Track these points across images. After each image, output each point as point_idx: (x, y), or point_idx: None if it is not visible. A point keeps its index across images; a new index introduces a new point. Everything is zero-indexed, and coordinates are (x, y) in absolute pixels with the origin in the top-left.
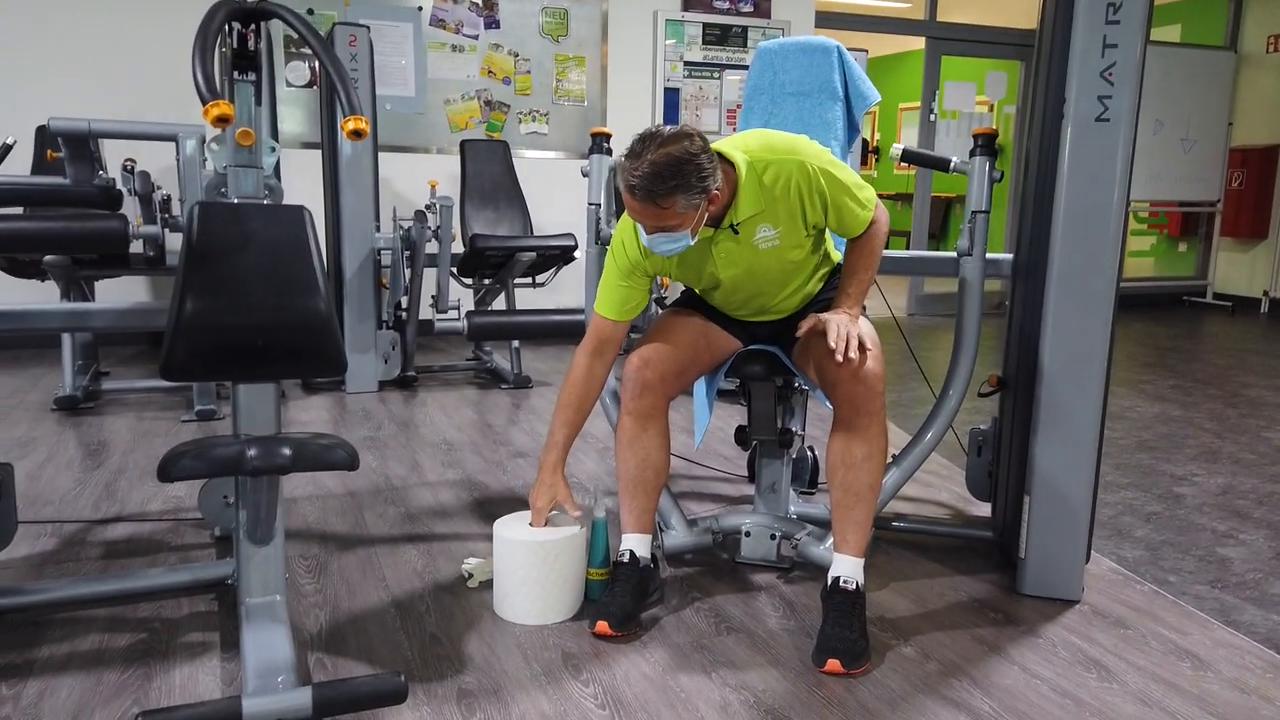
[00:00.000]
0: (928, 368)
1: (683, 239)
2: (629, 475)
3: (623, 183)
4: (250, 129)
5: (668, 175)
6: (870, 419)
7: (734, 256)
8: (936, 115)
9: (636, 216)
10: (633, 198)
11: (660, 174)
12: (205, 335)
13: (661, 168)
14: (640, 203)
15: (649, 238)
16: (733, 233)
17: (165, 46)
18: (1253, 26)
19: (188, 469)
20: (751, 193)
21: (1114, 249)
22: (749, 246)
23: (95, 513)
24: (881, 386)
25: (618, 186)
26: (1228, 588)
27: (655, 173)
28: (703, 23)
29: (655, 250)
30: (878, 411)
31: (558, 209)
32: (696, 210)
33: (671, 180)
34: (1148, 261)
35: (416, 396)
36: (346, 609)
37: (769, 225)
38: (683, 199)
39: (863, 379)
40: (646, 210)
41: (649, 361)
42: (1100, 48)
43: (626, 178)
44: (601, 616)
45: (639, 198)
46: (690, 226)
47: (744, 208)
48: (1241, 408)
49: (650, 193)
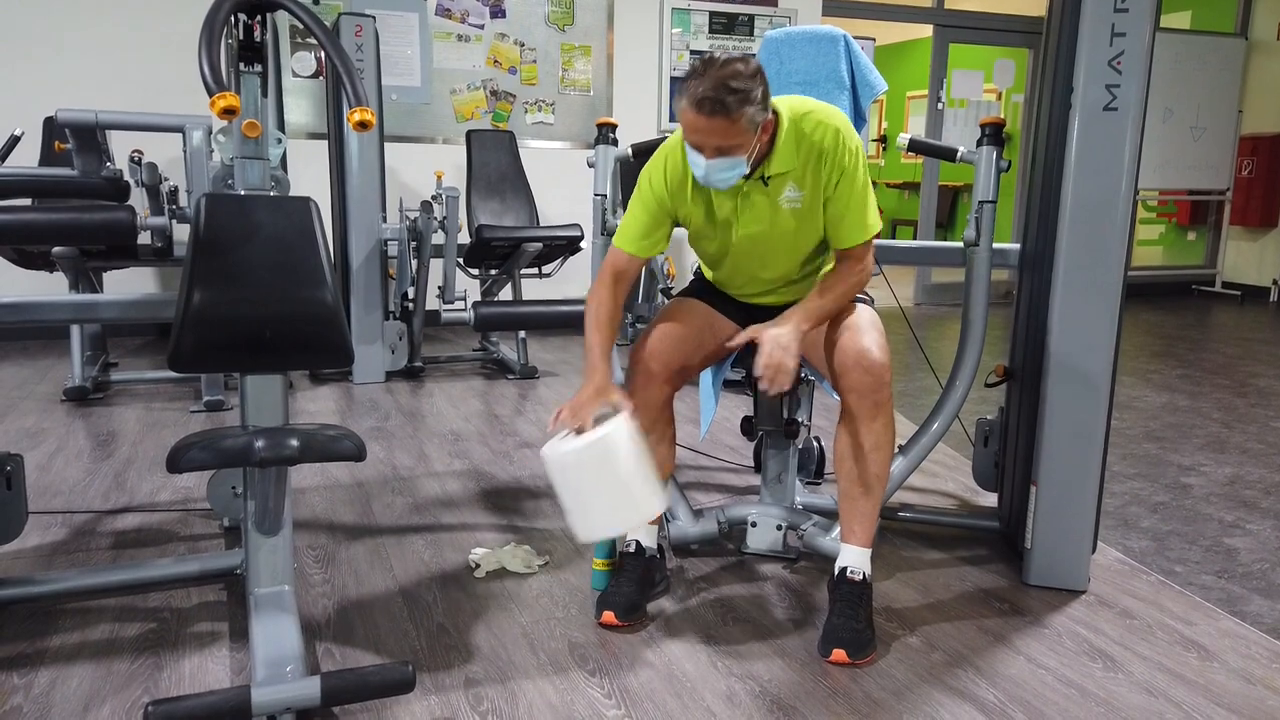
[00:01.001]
0: (934, 357)
1: (739, 166)
2: None
3: (687, 101)
4: (256, 120)
5: (738, 87)
6: (878, 409)
7: (758, 211)
8: (944, 103)
9: (700, 137)
10: (700, 113)
11: (730, 86)
12: (213, 327)
13: (730, 79)
14: (709, 117)
15: (709, 165)
16: (763, 184)
17: (172, 37)
18: (1263, 13)
19: (196, 460)
20: (788, 148)
21: (1121, 239)
22: (774, 204)
23: (105, 503)
24: (889, 377)
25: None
26: (1234, 578)
27: (725, 84)
28: (709, 11)
29: (712, 181)
30: (885, 402)
31: (564, 199)
32: (755, 132)
33: (741, 91)
34: (1156, 250)
35: (423, 387)
36: (354, 599)
37: (796, 186)
38: (750, 111)
39: (870, 369)
40: (714, 125)
41: (654, 353)
42: (1109, 36)
43: (694, 94)
44: (607, 606)
45: (708, 111)
46: (748, 151)
47: (778, 161)
48: (1250, 397)
49: (721, 104)
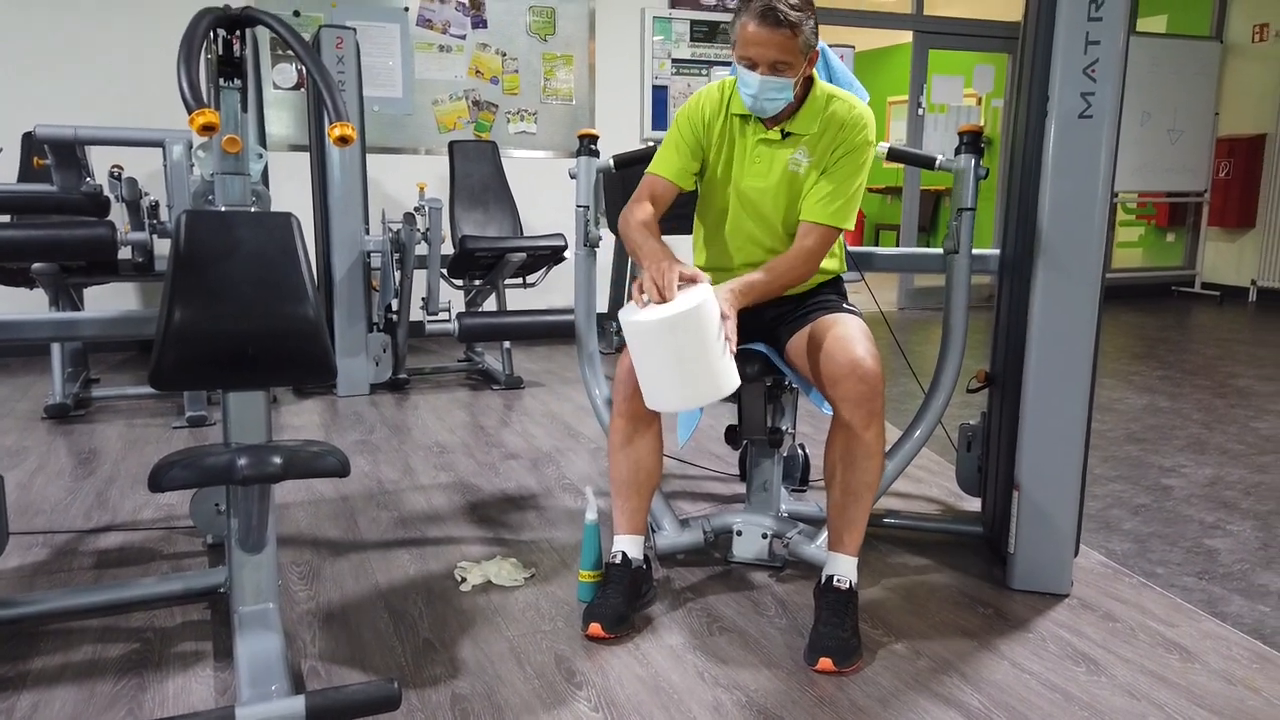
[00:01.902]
0: (918, 362)
1: (786, 89)
2: (622, 477)
3: (752, 14)
4: (237, 136)
5: (797, 4)
6: (871, 418)
7: (766, 164)
8: (925, 109)
9: (757, 50)
10: (763, 24)
11: (791, 3)
12: (194, 344)
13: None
14: (771, 28)
15: (761, 83)
16: (781, 137)
17: (151, 52)
18: (1238, 16)
19: (178, 479)
20: (811, 112)
21: (1099, 244)
22: (782, 162)
23: (87, 522)
24: (882, 386)
25: (658, 82)
26: (1215, 579)
27: (787, 3)
28: (690, 19)
29: (761, 102)
30: (878, 412)
31: (547, 208)
32: (804, 57)
33: (801, 10)
34: (1136, 252)
35: (408, 399)
36: (340, 615)
37: (807, 152)
38: (807, 30)
39: (865, 378)
40: (774, 37)
41: None
42: (1083, 44)
43: (757, 7)
44: (594, 619)
45: (771, 22)
46: (796, 76)
47: (800, 122)
48: (1230, 398)
49: (784, 16)
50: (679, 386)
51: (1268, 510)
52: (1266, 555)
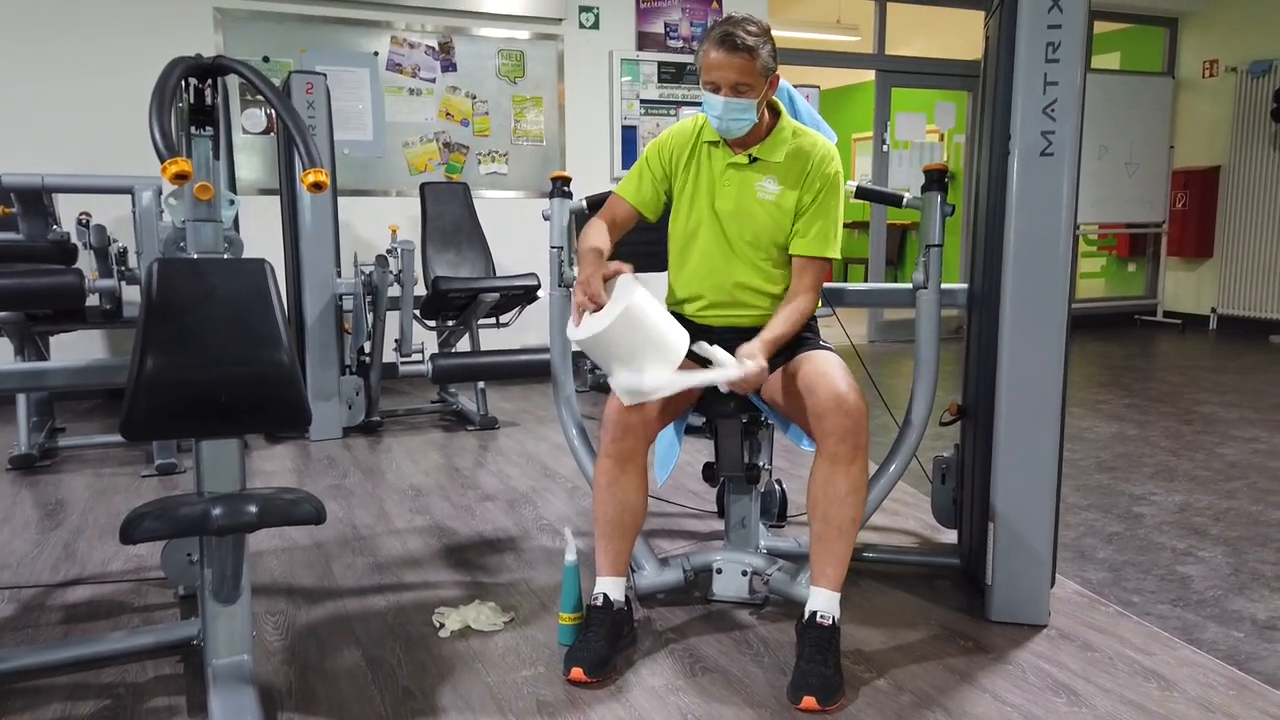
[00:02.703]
0: (890, 394)
1: (750, 110)
2: (607, 518)
3: (713, 41)
4: (209, 183)
5: (754, 31)
6: (856, 452)
7: (738, 188)
8: (889, 145)
9: (720, 73)
10: (722, 49)
11: (750, 29)
12: (166, 393)
13: (748, 25)
14: (729, 52)
15: (725, 104)
16: (750, 162)
17: (120, 98)
18: (1188, 53)
19: (151, 530)
20: (779, 143)
21: (1064, 276)
22: (753, 187)
23: (54, 575)
24: (865, 421)
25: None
26: (1189, 606)
27: (744, 28)
28: (657, 61)
29: (726, 123)
30: (862, 446)
31: (520, 248)
32: (766, 79)
33: (758, 35)
34: (1099, 282)
35: (382, 442)
36: (316, 665)
37: (776, 181)
38: (765, 54)
39: (849, 412)
40: (734, 61)
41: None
42: (1042, 85)
43: (717, 34)
44: (576, 663)
45: (729, 47)
46: (760, 96)
47: (768, 148)
48: (1195, 424)
49: (743, 42)
50: (632, 372)
51: (1237, 536)
52: (1238, 581)
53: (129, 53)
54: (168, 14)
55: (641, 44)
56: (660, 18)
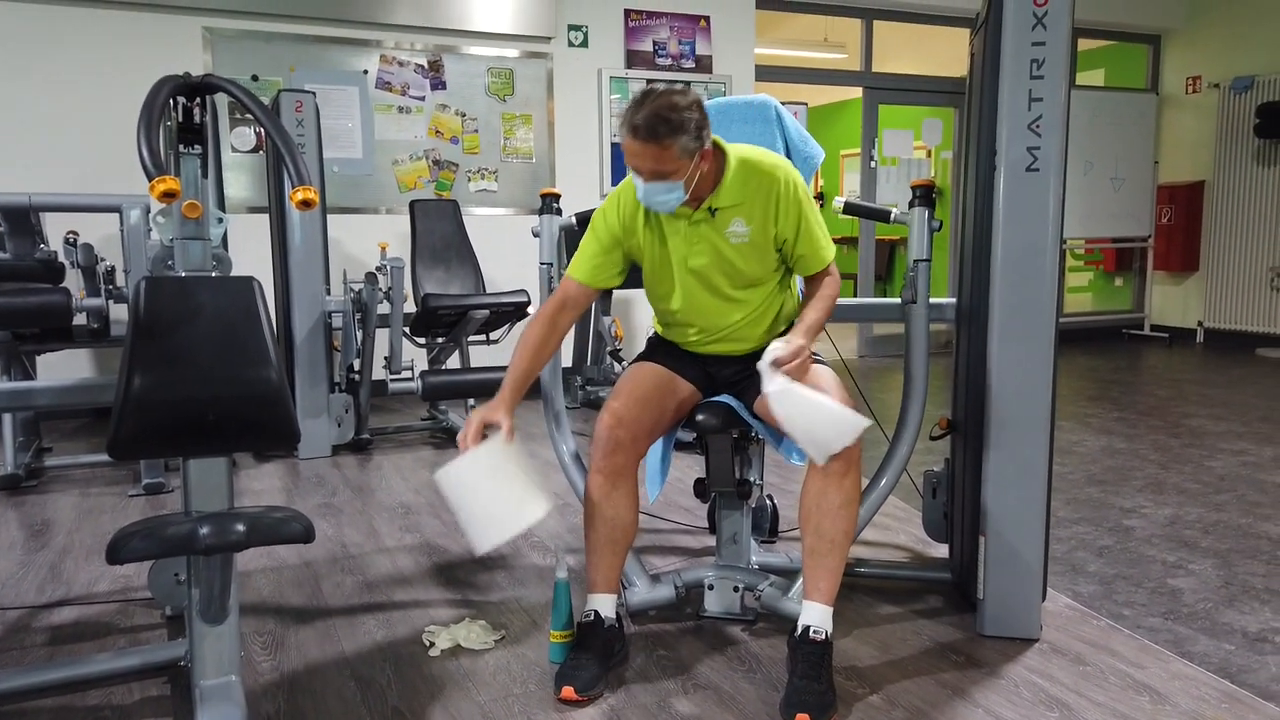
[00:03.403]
0: (881, 409)
1: (677, 190)
2: (599, 535)
3: (626, 127)
4: (197, 201)
5: (671, 116)
6: (849, 466)
7: (705, 242)
8: (877, 162)
9: (637, 161)
10: (635, 139)
11: (663, 115)
12: (153, 412)
13: (664, 110)
14: (643, 143)
15: (646, 188)
16: (709, 215)
17: (108, 116)
18: (1171, 70)
19: (138, 550)
20: (735, 184)
21: (1051, 290)
22: (721, 236)
23: (40, 596)
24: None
25: (616, 140)
26: (1180, 618)
27: (658, 114)
28: (646, 79)
29: (651, 202)
30: (856, 459)
31: (509, 265)
32: (691, 159)
33: (674, 121)
34: (1086, 297)
35: (371, 460)
36: (305, 686)
37: (743, 220)
38: (683, 140)
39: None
40: (648, 150)
41: (621, 420)
42: (1027, 102)
43: (630, 120)
44: (567, 681)
45: (642, 137)
46: (685, 178)
47: (724, 195)
48: (1184, 437)
49: (654, 132)
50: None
51: (1227, 548)
52: (1228, 593)
53: (118, 71)
54: (157, 33)
55: (630, 62)
56: (649, 36)
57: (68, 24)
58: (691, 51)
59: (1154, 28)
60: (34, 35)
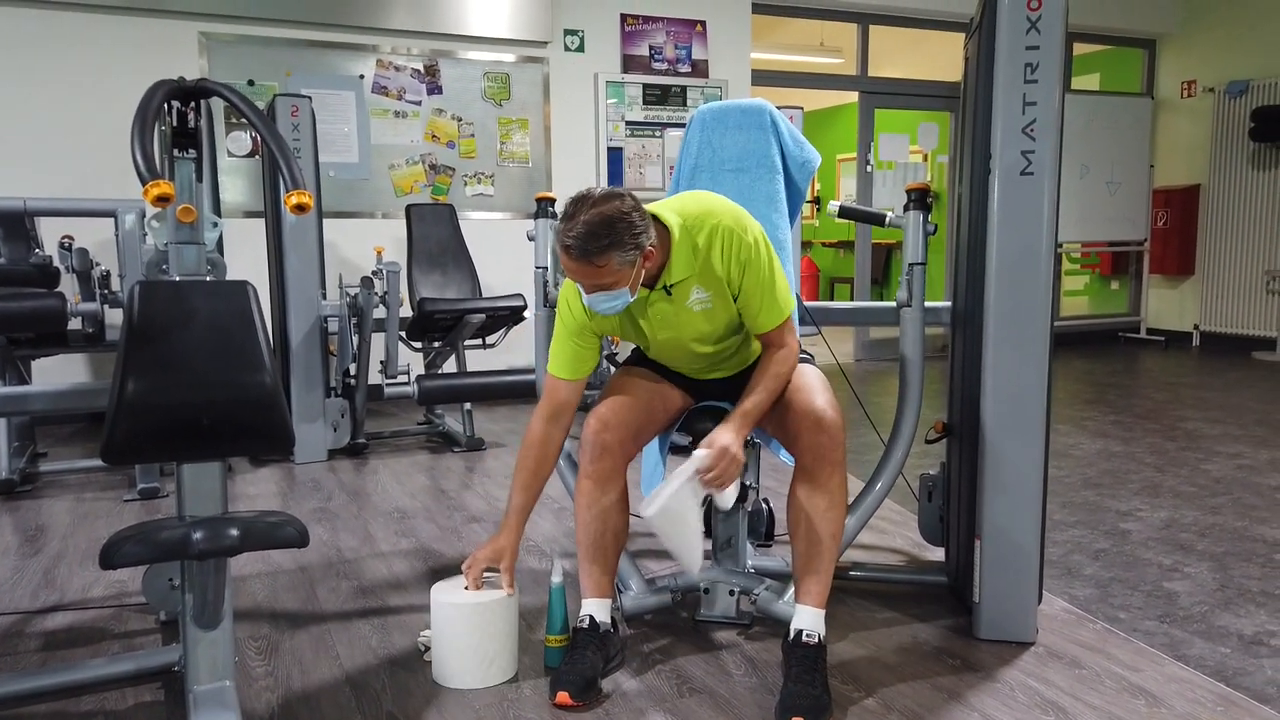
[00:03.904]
0: (876, 413)
1: (622, 296)
2: (589, 539)
3: (559, 244)
4: (191, 205)
5: (602, 234)
6: (833, 469)
7: (667, 319)
8: (873, 166)
9: (574, 276)
10: (569, 258)
11: (594, 233)
12: (147, 416)
13: (595, 226)
14: (576, 262)
15: (589, 297)
16: (666, 294)
17: (104, 121)
18: (1166, 74)
19: (131, 555)
20: (684, 256)
21: (1045, 293)
22: (683, 309)
23: (34, 602)
24: (842, 436)
25: (613, 144)
26: (1176, 622)
27: (590, 232)
28: (642, 83)
29: (596, 309)
30: (840, 462)
31: (506, 269)
32: (632, 267)
33: (606, 238)
34: (1082, 300)
35: (367, 464)
36: (299, 691)
37: (701, 287)
38: (618, 256)
39: (825, 429)
40: (583, 269)
41: (608, 424)
42: (1021, 105)
43: (562, 239)
44: (562, 686)
45: (575, 257)
46: (628, 284)
47: (676, 270)
48: (1180, 441)
49: (586, 251)
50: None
51: (1222, 551)
52: (1224, 596)
53: (113, 76)
54: (153, 38)
55: (626, 66)
56: (645, 41)
57: (63, 29)
58: (688, 56)
59: (1149, 32)
60: (29, 40)
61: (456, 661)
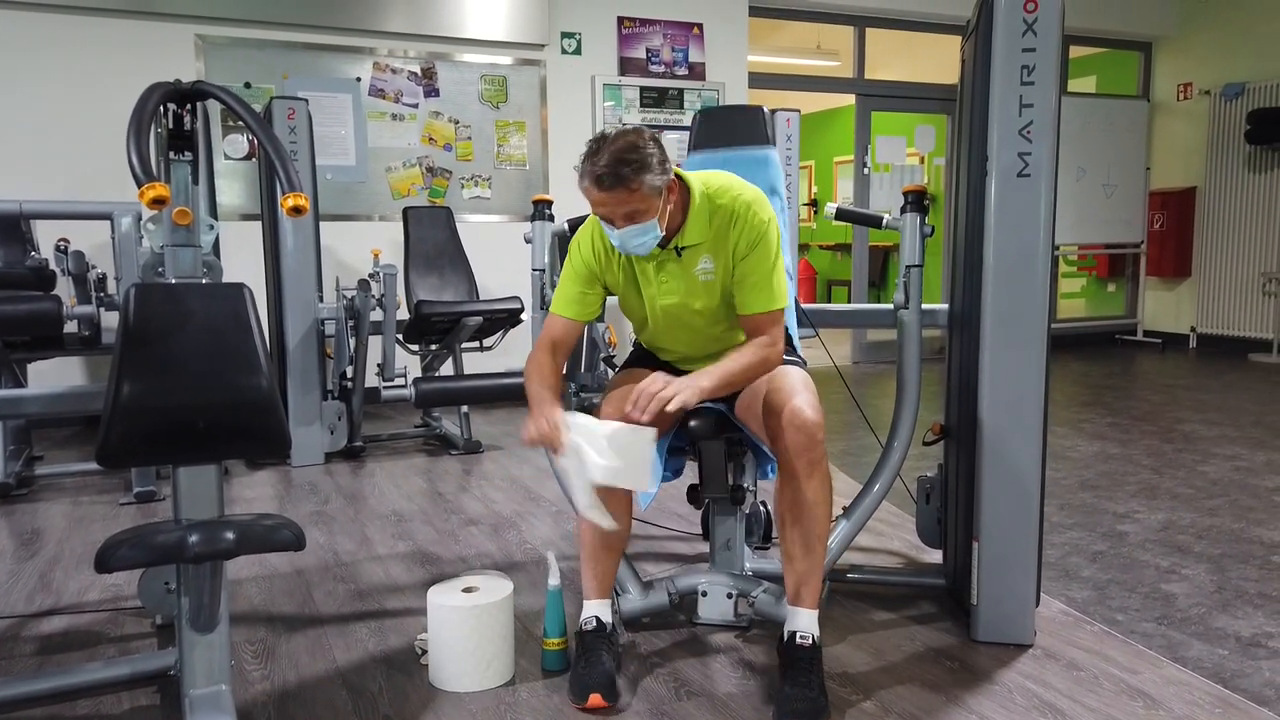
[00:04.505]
0: (874, 415)
1: (652, 229)
2: (592, 540)
3: (588, 178)
4: (187, 208)
5: (631, 158)
6: (813, 467)
7: (674, 283)
8: (870, 168)
9: (606, 209)
10: (600, 188)
11: (624, 158)
12: (143, 419)
13: (624, 152)
14: (608, 191)
15: (621, 234)
16: (676, 255)
17: (100, 123)
18: (1162, 76)
19: (127, 559)
20: (701, 221)
21: (1042, 295)
22: (689, 275)
23: (29, 606)
24: (821, 435)
25: (582, 188)
26: (1173, 624)
27: (619, 158)
28: (639, 86)
29: (627, 247)
30: (820, 459)
31: (503, 272)
32: (659, 196)
33: (636, 160)
34: (1079, 302)
35: (364, 467)
36: (296, 695)
37: (710, 257)
38: (649, 178)
39: (803, 428)
40: (616, 196)
41: None
42: (1017, 108)
43: (592, 170)
44: (591, 689)
45: (607, 185)
46: (657, 214)
47: (690, 233)
48: (1177, 443)
49: (618, 176)
50: (445, 665)
51: (1220, 553)
52: (1222, 598)
53: (109, 79)
54: (149, 40)
55: (624, 69)
56: (642, 43)
57: (60, 31)
58: (685, 59)
59: (1145, 35)
60: (25, 42)
61: (453, 664)
